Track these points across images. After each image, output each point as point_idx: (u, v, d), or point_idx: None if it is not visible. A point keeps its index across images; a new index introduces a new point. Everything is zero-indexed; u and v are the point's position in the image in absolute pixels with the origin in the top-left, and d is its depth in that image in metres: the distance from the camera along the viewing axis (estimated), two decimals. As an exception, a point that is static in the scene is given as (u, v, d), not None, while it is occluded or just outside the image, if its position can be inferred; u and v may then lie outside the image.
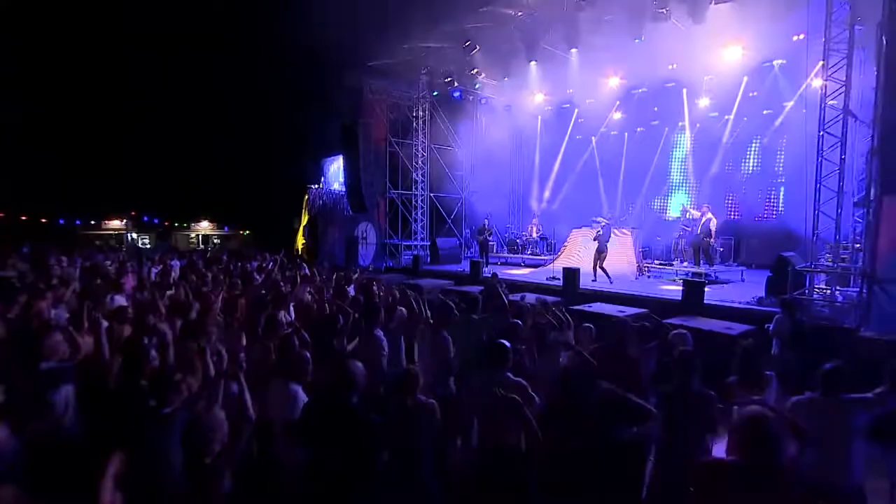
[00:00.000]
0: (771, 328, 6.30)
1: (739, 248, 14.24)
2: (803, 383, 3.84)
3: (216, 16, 22.39)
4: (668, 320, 7.51)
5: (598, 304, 8.94)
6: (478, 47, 12.52)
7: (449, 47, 14.21)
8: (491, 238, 15.27)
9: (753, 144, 14.89)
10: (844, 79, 7.60)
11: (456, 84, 14.83)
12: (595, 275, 11.05)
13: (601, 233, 11.15)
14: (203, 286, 6.86)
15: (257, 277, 7.37)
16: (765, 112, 14.16)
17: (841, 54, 7.62)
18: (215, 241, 31.96)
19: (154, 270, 9.91)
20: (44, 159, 25.62)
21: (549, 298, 7.11)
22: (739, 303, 8.53)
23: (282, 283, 6.89)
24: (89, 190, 26.36)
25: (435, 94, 16.04)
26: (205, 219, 31.82)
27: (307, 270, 10.43)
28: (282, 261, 12.49)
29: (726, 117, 14.71)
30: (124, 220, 29.09)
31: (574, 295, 9.91)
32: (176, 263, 11.46)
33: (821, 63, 12.29)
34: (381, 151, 16.99)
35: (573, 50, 11.89)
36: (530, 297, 8.16)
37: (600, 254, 11.00)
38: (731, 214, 15.13)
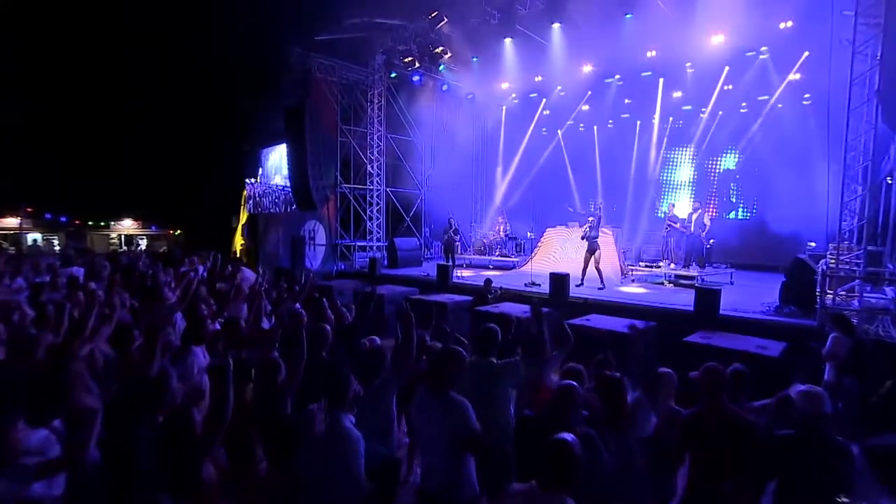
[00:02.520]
0: (826, 350, 5.19)
1: (712, 249, 13.60)
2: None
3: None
4: (689, 338, 6.34)
5: (596, 316, 7.63)
6: (445, 19, 10.96)
7: (410, 25, 12.60)
8: (457, 238, 13.77)
9: (727, 140, 14.27)
10: (878, 56, 6.60)
11: (417, 65, 13.18)
12: (583, 279, 9.84)
13: (591, 231, 9.91)
14: (85, 308, 4.88)
15: (169, 295, 5.43)
16: (742, 104, 13.56)
17: (874, 28, 6.64)
18: (140, 241, 28.16)
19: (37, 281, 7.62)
20: None
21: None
22: (754, 313, 7.48)
23: (203, 306, 5.01)
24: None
25: (392, 75, 14.30)
26: (127, 216, 27.80)
27: (260, 279, 8.46)
28: (212, 268, 10.39)
29: (702, 111, 14.02)
30: (19, 218, 24.69)
31: (563, 305, 8.58)
32: (76, 272, 9.11)
33: (806, 53, 11.89)
34: (331, 140, 15.04)
35: (555, 25, 10.58)
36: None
37: (592, 254, 9.77)
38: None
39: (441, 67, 13.41)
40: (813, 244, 13.05)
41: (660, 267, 11.08)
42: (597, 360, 3.60)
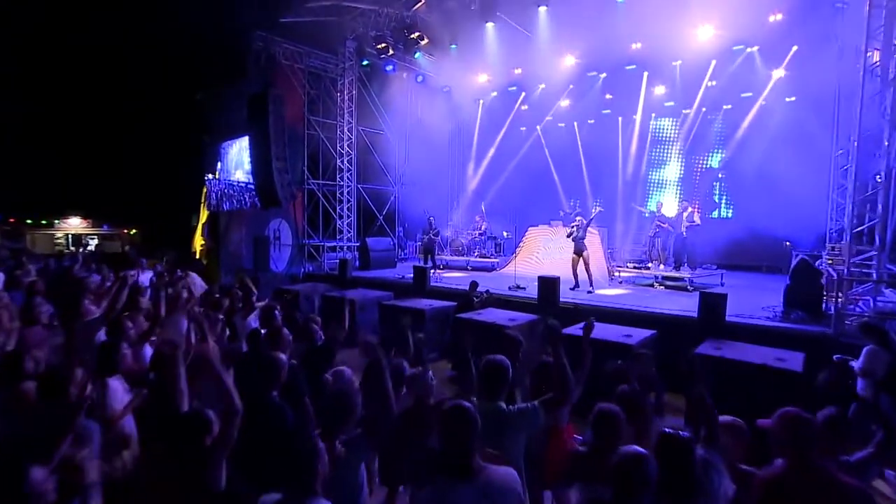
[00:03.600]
0: (859, 365, 4.61)
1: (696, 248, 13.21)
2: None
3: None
4: (699, 349, 5.69)
5: (591, 323, 6.91)
6: (422, 0, 10.10)
7: (384, 8, 11.70)
8: (437, 239, 12.97)
9: (710, 138, 13.87)
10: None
11: (391, 52, 12.26)
12: (577, 282, 9.21)
13: (578, 232, 9.27)
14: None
15: (92, 308, 4.42)
16: (728, 101, 13.17)
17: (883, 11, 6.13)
18: (91, 241, 25.85)
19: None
20: None
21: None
22: (759, 318, 6.92)
23: (130, 324, 4.03)
24: None
25: (364, 63, 13.35)
26: (75, 214, 25.24)
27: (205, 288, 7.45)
28: (164, 272, 9.27)
29: (685, 110, 13.62)
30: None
31: (553, 311, 7.86)
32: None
33: (794, 48, 11.57)
34: (298, 132, 13.99)
35: (541, 9, 9.88)
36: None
37: (580, 255, 9.14)
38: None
39: (417, 55, 12.54)
40: (788, 244, 12.83)
41: (648, 268, 10.52)
42: (621, 395, 2.83)
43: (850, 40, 9.78)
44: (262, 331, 3.94)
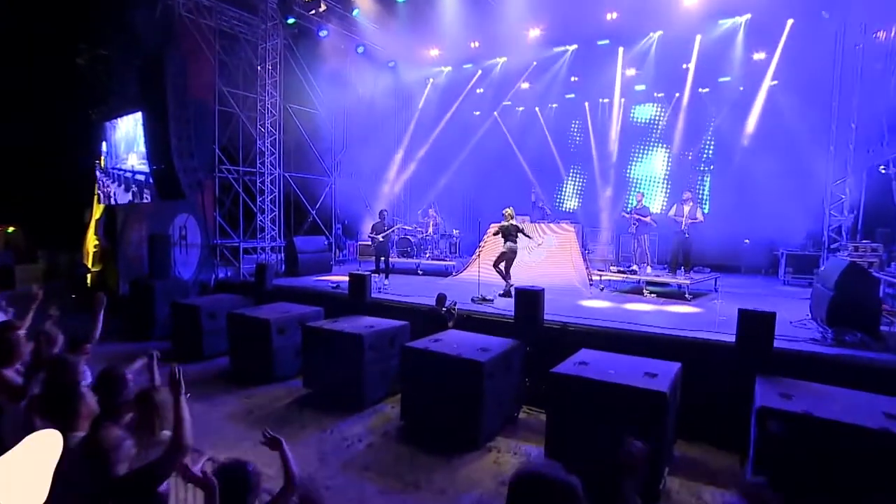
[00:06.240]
0: None
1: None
2: None
3: None
4: (763, 400, 3.91)
5: (591, 353, 5.01)
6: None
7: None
8: (387, 238, 10.74)
9: (689, 125, 12.55)
10: None
11: (322, 8, 9.93)
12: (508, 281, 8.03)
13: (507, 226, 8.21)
14: None
15: None
16: (701, 89, 11.90)
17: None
18: None
19: None
20: None
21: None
22: (804, 342, 5.33)
23: None
24: None
25: (291, 21, 10.87)
26: None
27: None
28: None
29: (656, 93, 12.30)
30: None
31: (535, 334, 5.95)
32: None
33: (790, 21, 10.37)
34: (208, 107, 11.30)
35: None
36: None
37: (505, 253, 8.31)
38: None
39: (355, 12, 10.28)
40: (747, 241, 11.78)
41: (634, 272, 8.87)
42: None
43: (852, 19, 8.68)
44: None
